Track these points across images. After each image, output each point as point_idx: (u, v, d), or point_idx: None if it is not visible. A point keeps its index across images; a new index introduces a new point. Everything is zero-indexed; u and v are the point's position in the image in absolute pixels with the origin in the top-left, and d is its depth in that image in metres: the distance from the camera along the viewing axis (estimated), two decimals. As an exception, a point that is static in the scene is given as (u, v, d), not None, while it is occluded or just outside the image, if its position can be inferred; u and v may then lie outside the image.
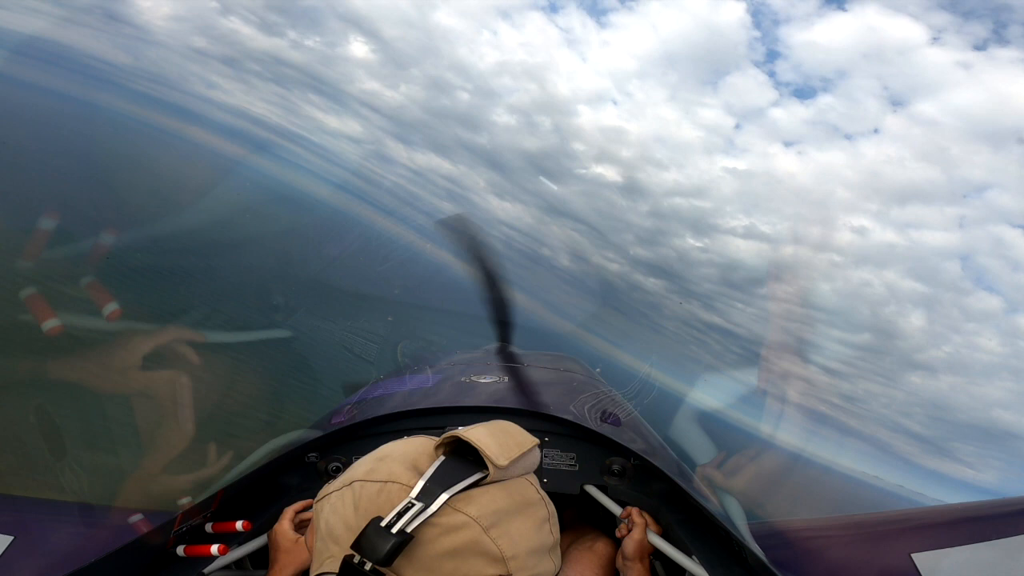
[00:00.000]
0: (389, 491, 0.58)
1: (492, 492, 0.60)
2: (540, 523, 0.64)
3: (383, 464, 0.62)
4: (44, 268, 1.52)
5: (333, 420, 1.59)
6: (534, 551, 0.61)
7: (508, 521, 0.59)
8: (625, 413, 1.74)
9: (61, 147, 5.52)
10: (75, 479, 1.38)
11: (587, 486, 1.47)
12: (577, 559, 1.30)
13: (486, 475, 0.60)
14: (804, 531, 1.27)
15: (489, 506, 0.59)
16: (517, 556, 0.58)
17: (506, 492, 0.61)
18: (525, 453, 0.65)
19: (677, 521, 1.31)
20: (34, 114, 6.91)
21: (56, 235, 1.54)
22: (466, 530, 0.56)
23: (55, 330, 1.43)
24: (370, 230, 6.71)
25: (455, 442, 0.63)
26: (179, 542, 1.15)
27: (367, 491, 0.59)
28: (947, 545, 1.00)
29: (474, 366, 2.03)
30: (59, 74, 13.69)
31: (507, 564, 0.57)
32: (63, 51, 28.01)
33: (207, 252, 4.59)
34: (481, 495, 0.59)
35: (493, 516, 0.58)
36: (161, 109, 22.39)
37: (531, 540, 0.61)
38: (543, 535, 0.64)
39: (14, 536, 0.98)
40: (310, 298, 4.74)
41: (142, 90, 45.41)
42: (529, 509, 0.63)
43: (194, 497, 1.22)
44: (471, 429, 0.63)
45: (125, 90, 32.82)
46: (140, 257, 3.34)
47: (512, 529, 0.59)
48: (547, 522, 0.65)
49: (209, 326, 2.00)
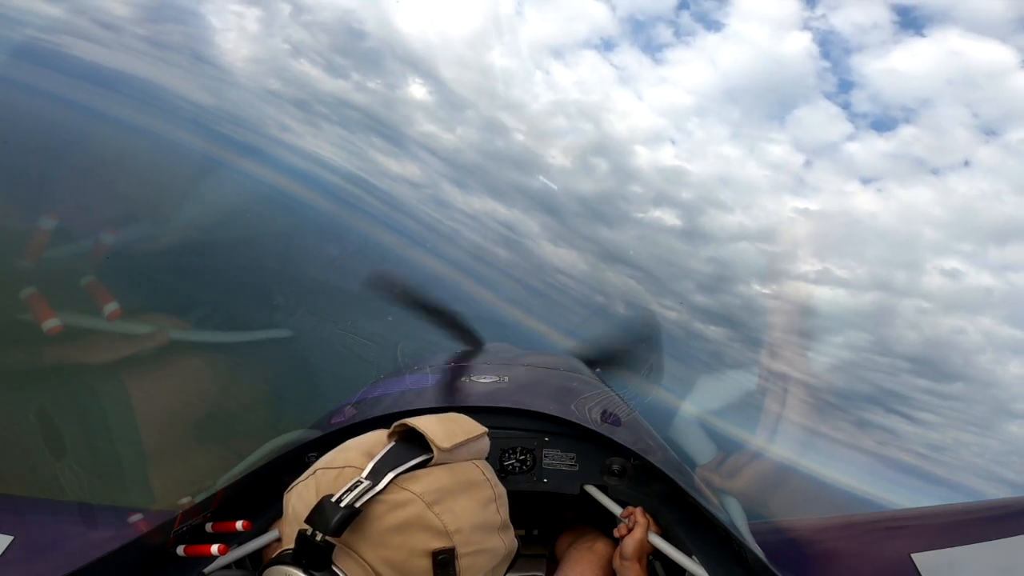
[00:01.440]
0: (345, 475, 0.63)
1: (436, 473, 0.65)
2: (485, 502, 0.68)
3: (342, 453, 0.68)
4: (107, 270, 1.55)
5: (333, 420, 1.59)
6: (478, 527, 0.65)
7: (451, 498, 0.64)
8: (625, 413, 1.74)
9: (141, 187, 5.58)
10: (75, 479, 1.38)
11: (587, 486, 1.47)
12: (577, 559, 1.30)
13: (431, 457, 0.64)
14: (804, 531, 1.27)
15: (432, 484, 0.63)
16: (460, 531, 0.62)
17: (450, 473, 0.66)
18: (471, 439, 0.69)
19: (677, 521, 1.31)
20: (132, 154, 7.13)
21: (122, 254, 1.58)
22: (411, 506, 0.61)
23: (55, 330, 1.43)
24: (370, 231, 6.73)
25: (406, 430, 0.68)
26: (179, 542, 1.15)
27: (327, 476, 0.65)
28: (947, 545, 1.00)
29: (474, 366, 2.03)
30: (154, 113, 14.41)
31: (451, 537, 0.61)
32: (158, 91, 29.21)
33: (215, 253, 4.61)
34: (426, 475, 0.64)
35: (436, 493, 0.63)
36: (240, 151, 23.38)
37: (475, 517, 0.65)
38: (488, 513, 0.68)
39: (14, 536, 0.98)
40: (310, 298, 4.74)
41: (225, 132, 46.55)
42: (473, 488, 0.67)
43: (194, 497, 1.22)
44: (420, 418, 0.69)
45: (210, 131, 33.92)
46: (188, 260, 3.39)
47: (456, 506, 0.63)
48: (493, 502, 0.69)
49: (209, 326, 2.00)
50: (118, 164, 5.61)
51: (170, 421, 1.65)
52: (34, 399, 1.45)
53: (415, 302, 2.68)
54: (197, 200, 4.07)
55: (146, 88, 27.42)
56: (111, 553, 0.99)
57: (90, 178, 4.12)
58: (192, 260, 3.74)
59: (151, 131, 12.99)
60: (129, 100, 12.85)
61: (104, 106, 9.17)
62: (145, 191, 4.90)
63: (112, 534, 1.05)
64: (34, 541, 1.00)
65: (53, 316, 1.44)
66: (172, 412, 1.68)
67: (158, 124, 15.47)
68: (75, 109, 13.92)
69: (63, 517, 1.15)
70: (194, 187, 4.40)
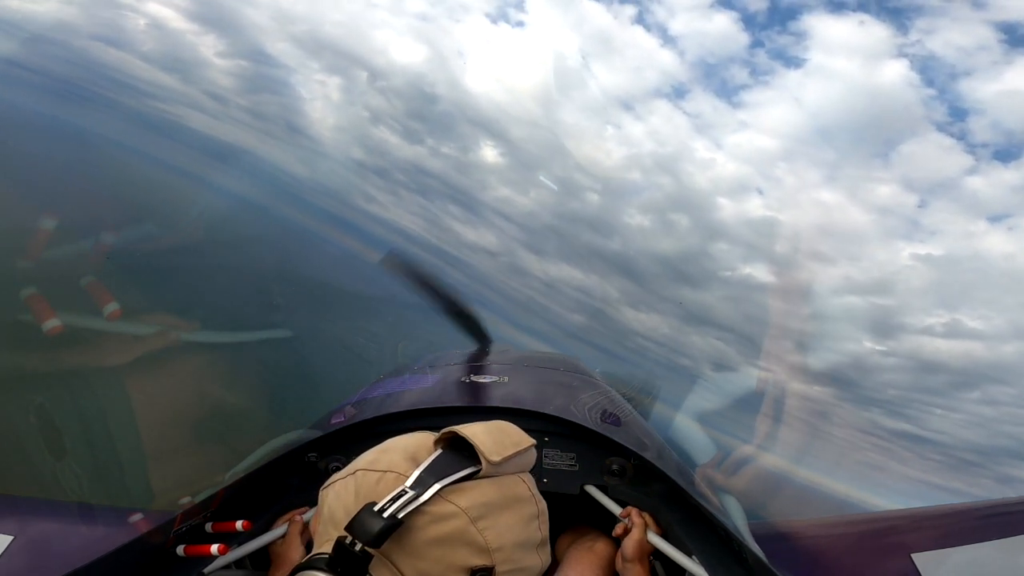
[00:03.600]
0: (387, 480, 0.61)
1: (483, 486, 0.62)
2: (528, 519, 0.66)
3: (385, 455, 0.65)
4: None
5: (333, 420, 1.59)
6: (520, 545, 0.63)
7: (496, 514, 0.61)
8: (625, 413, 1.74)
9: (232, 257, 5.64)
10: (75, 479, 1.38)
11: (587, 486, 1.47)
12: (577, 559, 1.30)
13: (479, 469, 0.62)
14: (804, 531, 1.27)
15: (479, 499, 0.61)
16: (502, 548, 0.60)
17: (497, 487, 0.63)
18: (520, 452, 0.67)
19: (677, 521, 1.31)
20: (233, 224, 7.31)
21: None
22: (454, 520, 0.59)
23: (55, 330, 1.43)
24: (371, 233, 6.79)
25: (453, 437, 0.65)
26: (179, 542, 1.15)
27: (368, 479, 0.62)
28: (947, 545, 1.00)
29: (474, 366, 2.02)
30: (258, 186, 14.86)
31: (492, 555, 0.59)
32: (258, 163, 30.06)
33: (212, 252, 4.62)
34: (472, 488, 0.61)
35: (481, 508, 0.60)
36: (333, 223, 24.15)
37: (517, 534, 0.63)
38: (530, 531, 0.66)
39: (14, 536, 0.98)
40: (310, 298, 4.74)
41: (320, 204, 46.99)
42: (518, 505, 0.65)
43: (194, 497, 1.22)
44: (469, 426, 0.66)
45: (307, 204, 34.87)
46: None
47: (499, 522, 0.61)
48: (536, 519, 0.67)
49: (209, 326, 2.00)
50: (231, 247, 5.62)
51: (170, 421, 1.65)
52: (34, 399, 1.45)
53: (427, 286, 2.63)
54: (309, 281, 4.05)
55: (252, 161, 28.35)
56: (111, 553, 0.99)
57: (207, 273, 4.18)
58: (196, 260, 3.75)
59: (260, 206, 13.16)
60: (236, 172, 13.46)
61: (216, 178, 9.55)
62: (260, 270, 4.87)
63: (112, 534, 1.05)
64: (34, 541, 1.00)
65: (53, 316, 1.44)
66: (172, 412, 1.68)
67: (267, 199, 15.73)
68: (190, 179, 14.29)
69: (63, 517, 1.15)
70: (304, 266, 4.40)
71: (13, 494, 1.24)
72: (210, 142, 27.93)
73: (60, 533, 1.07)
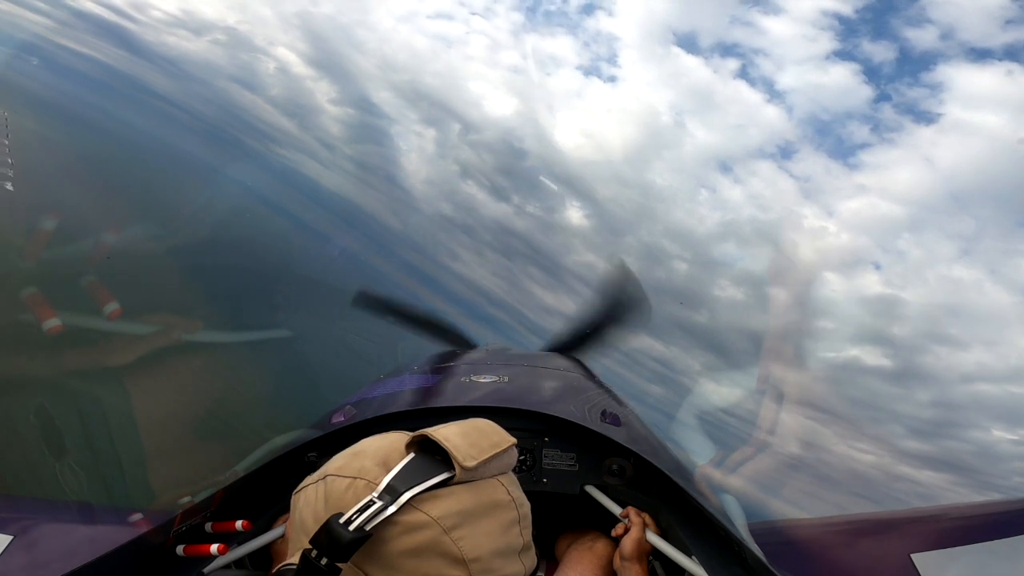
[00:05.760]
0: (356, 487, 0.59)
1: (458, 493, 0.60)
2: (508, 525, 0.63)
3: (356, 459, 0.63)
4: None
5: (333, 420, 1.59)
6: (499, 553, 0.61)
7: (472, 523, 0.59)
8: (625, 413, 1.74)
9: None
10: (75, 479, 1.38)
11: (587, 486, 1.47)
12: (577, 559, 1.30)
13: (452, 475, 0.60)
14: (804, 531, 1.27)
15: (453, 507, 0.58)
16: (479, 559, 0.58)
17: (473, 493, 0.61)
18: (498, 454, 0.64)
19: (677, 521, 1.31)
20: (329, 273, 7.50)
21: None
22: (427, 530, 0.56)
23: (55, 329, 1.43)
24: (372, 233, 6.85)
25: (425, 440, 0.62)
26: (179, 542, 1.15)
27: (337, 486, 0.60)
28: (947, 545, 1.00)
29: (474, 366, 2.02)
30: (355, 236, 15.10)
31: (468, 566, 0.57)
32: (355, 210, 30.66)
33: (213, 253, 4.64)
34: (447, 495, 0.59)
35: (456, 517, 0.58)
36: (420, 279, 24.37)
37: (496, 542, 0.61)
38: (510, 537, 0.63)
39: (14, 536, 0.98)
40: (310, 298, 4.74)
41: (409, 259, 45.55)
42: (496, 511, 0.62)
43: (194, 497, 1.22)
44: (441, 428, 0.63)
45: (398, 259, 34.81)
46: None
47: (476, 531, 0.59)
48: (516, 524, 0.64)
49: (209, 326, 2.00)
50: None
51: (170, 421, 1.65)
52: (34, 399, 1.45)
53: (400, 314, 2.70)
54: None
55: (355, 211, 29.11)
56: (111, 553, 0.99)
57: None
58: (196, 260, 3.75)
59: (361, 259, 13.29)
60: (337, 220, 13.56)
61: (325, 227, 9.71)
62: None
63: (112, 534, 1.05)
64: (34, 541, 1.00)
65: (53, 316, 1.44)
66: (172, 412, 1.68)
67: (368, 253, 15.94)
68: (301, 229, 14.55)
69: (63, 517, 1.15)
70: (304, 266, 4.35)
71: (13, 494, 1.25)
72: (319, 191, 28.80)
73: (60, 533, 1.07)
